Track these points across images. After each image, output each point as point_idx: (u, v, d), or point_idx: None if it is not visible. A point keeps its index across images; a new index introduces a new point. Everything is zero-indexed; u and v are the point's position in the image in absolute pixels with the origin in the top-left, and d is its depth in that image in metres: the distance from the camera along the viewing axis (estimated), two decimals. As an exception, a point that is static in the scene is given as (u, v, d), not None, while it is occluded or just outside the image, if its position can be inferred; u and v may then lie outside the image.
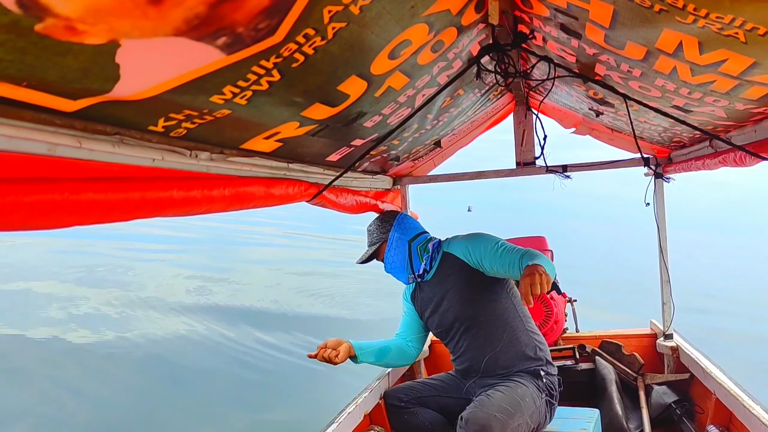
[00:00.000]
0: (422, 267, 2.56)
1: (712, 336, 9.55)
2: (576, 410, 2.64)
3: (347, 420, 2.51)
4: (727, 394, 2.53)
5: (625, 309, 10.59)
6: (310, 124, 1.65)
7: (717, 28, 1.11)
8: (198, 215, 1.52)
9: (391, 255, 2.61)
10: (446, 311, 2.51)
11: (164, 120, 1.19)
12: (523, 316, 2.49)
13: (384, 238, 2.63)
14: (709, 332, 9.71)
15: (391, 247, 2.61)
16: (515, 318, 2.45)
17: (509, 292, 2.49)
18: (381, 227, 2.66)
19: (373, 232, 2.68)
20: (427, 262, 2.55)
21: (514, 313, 2.45)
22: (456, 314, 2.48)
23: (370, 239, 2.69)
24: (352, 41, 1.24)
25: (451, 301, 2.48)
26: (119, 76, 0.89)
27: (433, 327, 2.61)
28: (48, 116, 0.98)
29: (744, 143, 1.99)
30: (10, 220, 0.95)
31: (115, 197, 1.18)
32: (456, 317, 2.48)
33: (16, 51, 0.74)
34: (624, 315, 9.19)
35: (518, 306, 2.48)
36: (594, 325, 4.09)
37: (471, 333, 2.46)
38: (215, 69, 1.02)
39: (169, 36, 0.83)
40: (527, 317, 2.51)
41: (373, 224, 2.70)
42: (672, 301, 3.38)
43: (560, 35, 1.74)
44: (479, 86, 2.46)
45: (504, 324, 2.42)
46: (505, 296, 2.46)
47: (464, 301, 2.45)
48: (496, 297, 2.44)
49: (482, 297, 2.43)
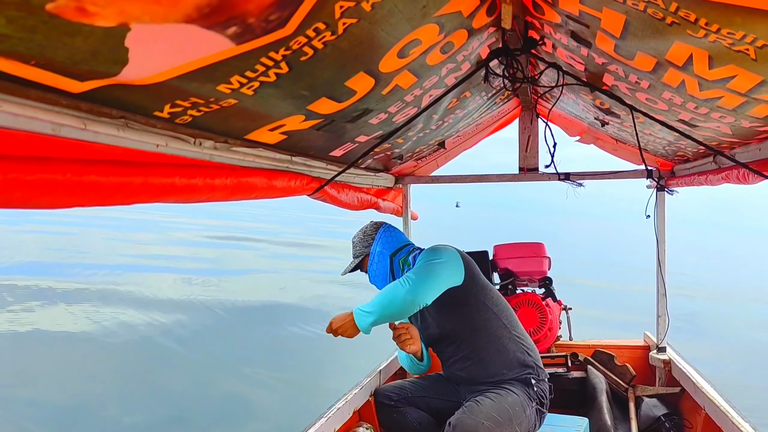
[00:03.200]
0: None
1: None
2: (565, 418, 2.65)
3: (336, 415, 2.51)
4: (717, 410, 2.53)
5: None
6: (315, 118, 1.65)
7: (728, 44, 1.11)
8: (199, 203, 1.52)
9: (374, 269, 2.59)
10: (428, 326, 2.51)
11: (170, 106, 1.19)
12: (509, 323, 2.44)
13: (366, 252, 2.62)
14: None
15: (373, 261, 2.59)
16: (499, 326, 2.40)
17: (489, 301, 2.43)
18: (363, 240, 2.64)
19: (357, 245, 2.66)
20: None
21: (497, 321, 2.41)
22: (438, 329, 2.47)
23: (354, 251, 2.67)
24: (362, 38, 1.24)
25: (431, 316, 2.47)
26: (128, 59, 0.89)
27: (424, 341, 2.58)
28: (54, 96, 0.98)
29: (748, 161, 1.99)
30: (11, 198, 0.95)
31: (118, 180, 1.18)
32: (438, 332, 2.47)
33: (26, 29, 0.74)
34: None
35: (502, 313, 2.43)
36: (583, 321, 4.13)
37: (455, 345, 2.45)
38: (224, 58, 1.02)
39: (179, 22, 0.83)
40: (513, 323, 2.46)
41: (357, 236, 2.68)
42: (667, 314, 3.38)
43: (570, 43, 1.73)
44: (486, 89, 2.46)
45: (488, 334, 2.39)
46: (484, 306, 2.40)
47: (441, 316, 2.43)
48: (476, 309, 2.39)
49: (458, 310, 2.40)
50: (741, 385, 6.64)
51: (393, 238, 2.62)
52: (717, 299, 16.00)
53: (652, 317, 3.47)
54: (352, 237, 2.71)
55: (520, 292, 3.79)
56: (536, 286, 3.88)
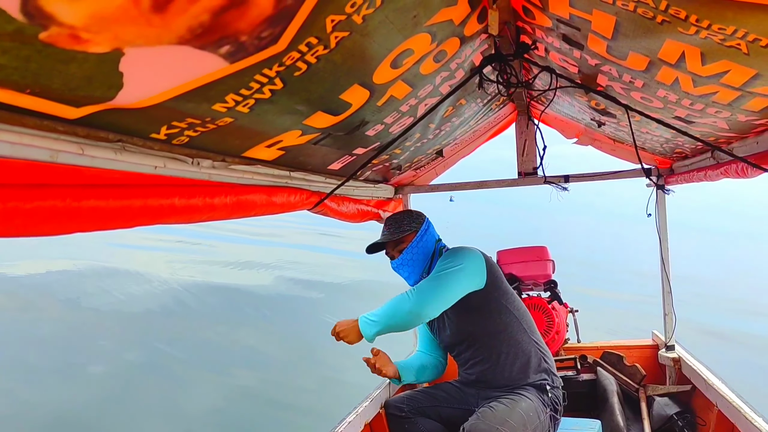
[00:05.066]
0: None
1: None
2: (577, 421, 2.63)
3: (347, 430, 2.49)
4: (729, 406, 2.51)
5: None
6: (312, 133, 1.66)
7: (719, 39, 1.11)
8: (200, 222, 1.52)
9: (415, 250, 2.46)
10: (446, 328, 2.49)
11: (166, 128, 1.20)
12: (528, 328, 2.43)
13: (416, 228, 2.48)
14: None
15: (419, 240, 2.47)
16: (519, 331, 2.40)
17: (510, 305, 2.42)
18: (412, 219, 2.52)
19: (402, 220, 2.51)
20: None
21: (518, 326, 2.40)
22: (456, 331, 2.45)
23: (397, 227, 2.50)
24: (354, 50, 1.24)
25: (451, 317, 2.46)
26: (122, 84, 0.90)
27: (441, 342, 2.59)
28: (50, 123, 0.98)
29: (746, 155, 1.99)
30: (11, 226, 0.95)
31: (117, 204, 1.18)
32: (457, 334, 2.46)
33: (21, 59, 0.74)
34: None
35: (522, 318, 2.43)
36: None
37: (474, 348, 2.44)
38: (218, 77, 1.03)
39: (172, 44, 0.84)
40: (532, 329, 2.46)
41: (401, 215, 2.56)
42: (674, 312, 3.37)
43: (562, 46, 1.74)
44: (481, 96, 2.46)
45: (507, 338, 2.38)
46: (505, 310, 2.39)
47: (461, 317, 2.42)
48: (496, 312, 2.38)
49: (479, 313, 2.38)
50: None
51: (433, 228, 2.59)
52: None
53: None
54: (389, 216, 2.60)
55: (525, 296, 3.79)
56: (541, 289, 3.87)
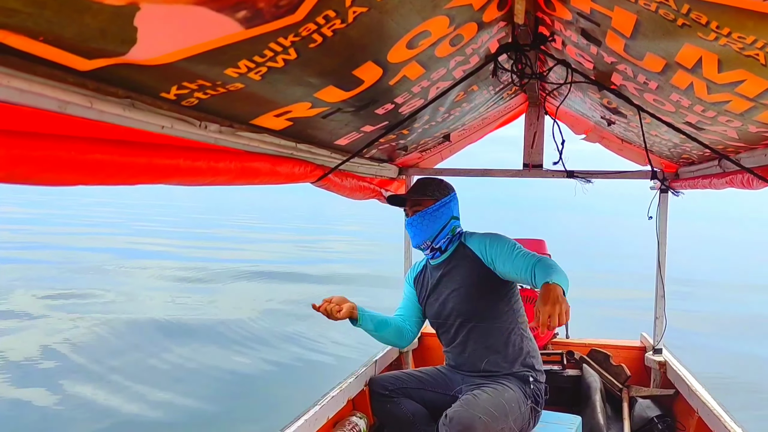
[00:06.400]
0: (441, 243, 2.51)
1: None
2: (559, 415, 2.66)
3: (330, 403, 2.52)
4: (710, 414, 2.54)
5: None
6: (321, 106, 1.65)
7: (738, 48, 1.10)
8: (203, 186, 1.52)
9: (432, 215, 2.49)
10: (446, 301, 2.51)
11: (177, 88, 1.19)
12: (522, 322, 2.49)
13: (437, 197, 2.51)
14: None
15: (437, 208, 2.49)
16: (513, 322, 2.45)
17: (513, 296, 2.48)
18: (437, 188, 2.54)
19: (430, 185, 2.55)
20: (446, 242, 2.52)
21: (513, 317, 2.46)
22: (455, 307, 2.47)
23: (421, 190, 2.54)
24: (371, 27, 1.23)
25: (453, 293, 2.48)
26: (136, 39, 0.89)
27: (431, 315, 2.60)
28: (61, 73, 0.97)
29: (753, 166, 1.98)
30: (14, 173, 0.95)
31: (122, 160, 1.18)
32: (455, 310, 2.48)
33: (36, 4, 0.74)
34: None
35: (518, 311, 2.49)
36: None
37: (466, 328, 2.46)
38: (233, 42, 1.02)
39: (189, 4, 0.83)
40: (525, 323, 2.52)
41: (431, 180, 2.58)
42: (665, 316, 3.38)
43: (580, 40, 1.73)
44: (494, 84, 2.45)
45: (502, 326, 2.43)
46: (508, 300, 2.46)
47: (467, 296, 2.44)
48: (499, 299, 2.43)
49: (486, 296, 2.43)
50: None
51: (458, 205, 2.60)
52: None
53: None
54: (422, 178, 2.62)
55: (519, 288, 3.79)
56: (535, 282, 3.88)
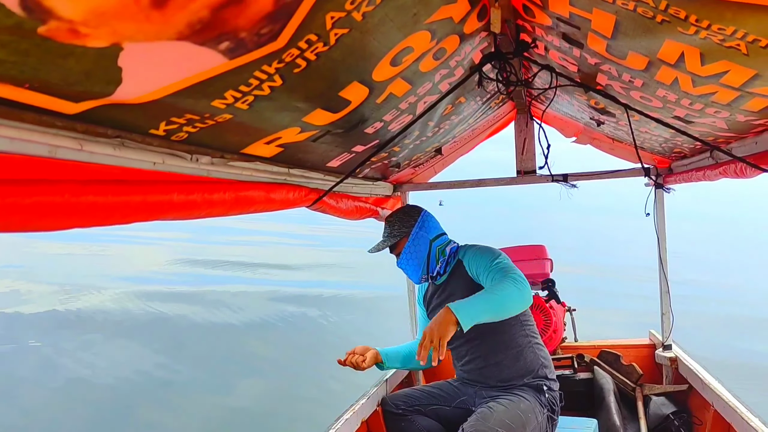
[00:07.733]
0: (437, 269, 2.52)
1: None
2: (574, 420, 2.64)
3: (344, 427, 2.50)
4: (726, 406, 2.52)
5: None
6: (311, 130, 1.65)
7: (719, 40, 1.11)
8: (198, 219, 1.52)
9: (410, 251, 2.51)
10: None
11: (165, 124, 1.19)
12: (531, 331, 2.46)
13: (406, 232, 2.53)
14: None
15: (411, 243, 2.51)
16: (521, 333, 2.42)
17: None
18: (404, 221, 2.55)
19: (395, 224, 2.57)
20: (442, 265, 2.52)
21: (520, 328, 2.43)
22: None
23: (390, 231, 2.57)
24: (354, 47, 1.24)
25: None
26: (121, 79, 0.90)
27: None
28: (49, 118, 0.98)
29: (745, 155, 1.99)
30: (10, 222, 0.95)
31: (116, 200, 1.18)
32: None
33: (19, 53, 0.74)
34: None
35: (527, 320, 2.46)
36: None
37: (474, 344, 2.45)
38: (217, 74, 1.02)
39: (171, 40, 0.83)
40: (533, 330, 2.49)
41: (395, 216, 2.60)
42: (671, 311, 3.37)
43: (562, 44, 1.74)
44: (481, 94, 2.46)
45: (510, 338, 2.41)
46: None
47: None
48: None
49: None
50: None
51: (433, 223, 2.58)
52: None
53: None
54: (387, 217, 2.64)
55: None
56: (539, 288, 3.88)
